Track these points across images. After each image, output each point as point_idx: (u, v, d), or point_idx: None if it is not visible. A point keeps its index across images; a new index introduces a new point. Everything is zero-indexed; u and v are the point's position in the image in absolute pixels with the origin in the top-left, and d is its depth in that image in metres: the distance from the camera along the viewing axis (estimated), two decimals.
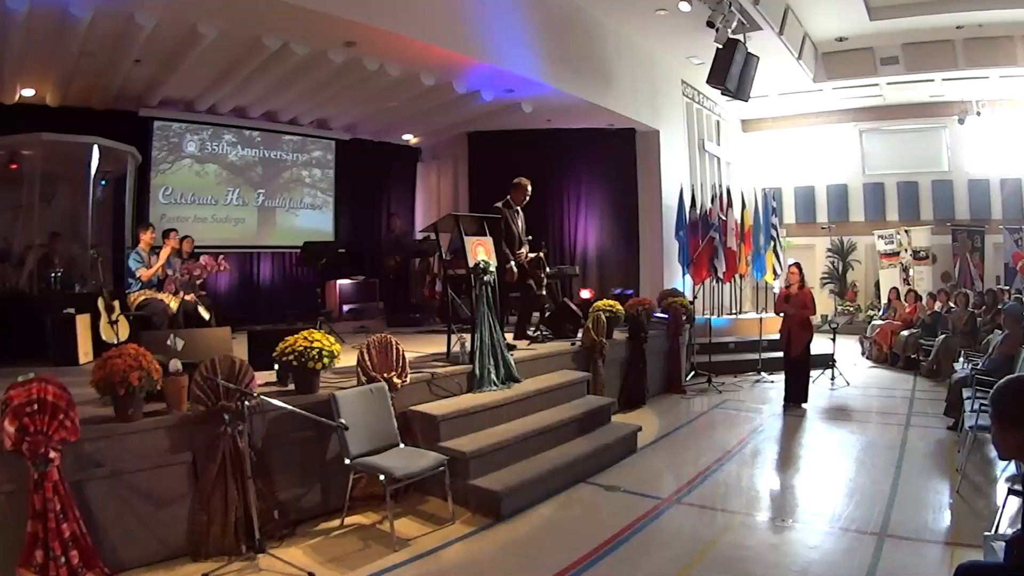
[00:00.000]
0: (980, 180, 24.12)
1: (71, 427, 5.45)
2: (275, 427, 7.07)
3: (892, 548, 6.72)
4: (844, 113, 25.19)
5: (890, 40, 19.63)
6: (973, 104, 22.57)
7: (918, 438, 11.22)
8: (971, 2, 17.77)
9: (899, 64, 20.32)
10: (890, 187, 25.21)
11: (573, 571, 6.39)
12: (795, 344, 13.56)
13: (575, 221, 19.56)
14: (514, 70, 13.61)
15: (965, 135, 23.85)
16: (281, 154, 17.55)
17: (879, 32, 19.15)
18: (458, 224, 9.94)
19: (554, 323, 12.88)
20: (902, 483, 8.99)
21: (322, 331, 8.09)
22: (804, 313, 13.68)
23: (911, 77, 21.01)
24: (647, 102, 18.08)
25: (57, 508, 5.31)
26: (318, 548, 6.72)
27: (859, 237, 25.08)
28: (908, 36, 19.41)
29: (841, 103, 24.33)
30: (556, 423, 9.54)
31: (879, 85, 22.09)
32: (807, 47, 19.42)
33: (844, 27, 19.10)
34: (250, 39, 11.75)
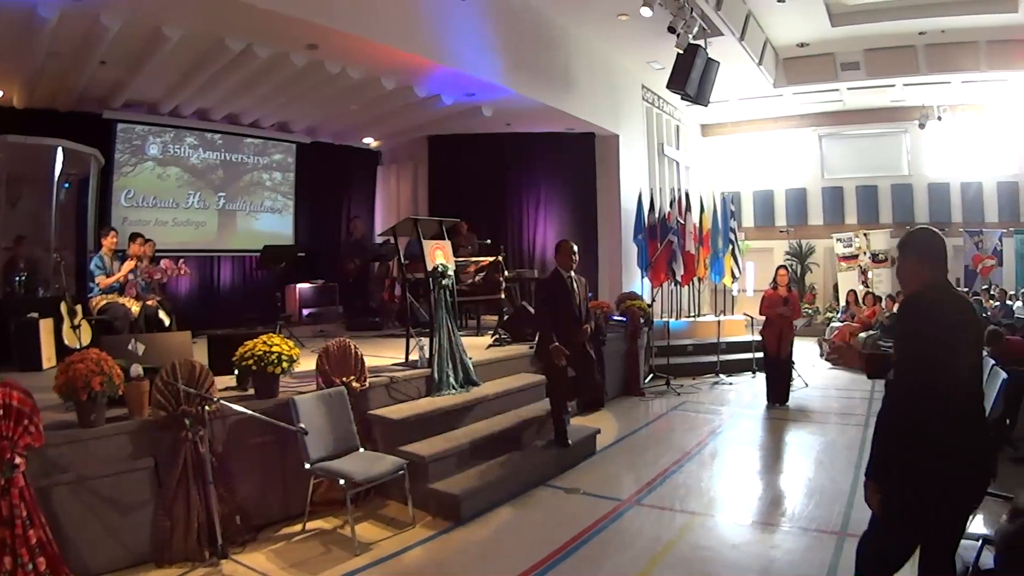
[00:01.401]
0: (940, 184, 24.52)
1: (36, 433, 5.45)
2: (235, 432, 7.08)
3: (853, 546, 6.80)
4: (804, 118, 25.51)
5: (852, 46, 19.81)
6: (934, 109, 22.88)
7: None
8: (934, 8, 17.96)
9: (860, 69, 20.51)
10: (849, 191, 25.58)
11: (534, 573, 6.47)
12: (785, 344, 13.78)
13: (534, 225, 19.64)
14: (475, 74, 13.66)
15: (926, 139, 24.27)
16: (242, 157, 17.49)
17: (841, 38, 19.33)
18: (417, 228, 10.00)
19: (513, 326, 12.92)
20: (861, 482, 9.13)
21: (281, 335, 8.11)
22: (796, 315, 14.05)
23: (872, 82, 21.25)
24: (607, 107, 18.19)
25: (24, 514, 5.31)
26: (280, 553, 6.74)
27: (818, 240, 25.36)
28: (870, 42, 19.60)
29: (801, 108, 24.57)
30: (515, 426, 9.61)
31: (840, 90, 22.35)
32: (768, 52, 19.57)
33: (806, 33, 19.27)
34: (213, 41, 11.76)
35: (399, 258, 11.09)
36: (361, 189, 20.95)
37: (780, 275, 13.86)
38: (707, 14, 15.20)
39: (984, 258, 23.24)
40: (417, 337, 10.11)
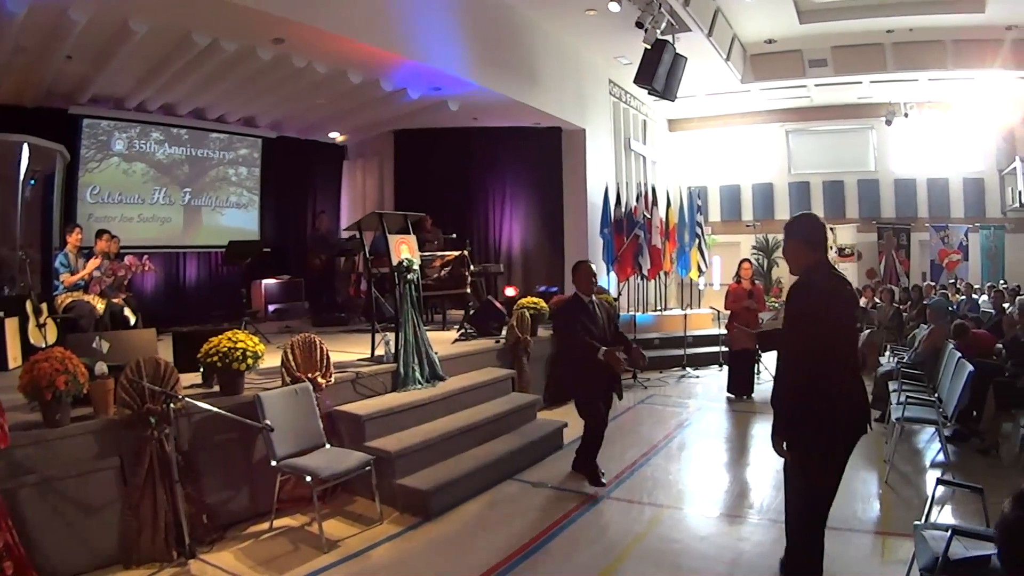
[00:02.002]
0: (906, 180, 24.89)
1: (1, 434, 5.39)
2: (201, 430, 7.02)
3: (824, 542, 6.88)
4: (771, 113, 25.71)
5: (819, 43, 19.95)
6: (901, 106, 23.08)
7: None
8: (902, 7, 18.15)
9: (828, 66, 20.64)
10: (816, 186, 25.86)
11: (503, 568, 6.47)
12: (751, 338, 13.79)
13: (500, 219, 19.67)
14: (441, 68, 13.65)
15: (892, 136, 24.56)
16: (208, 152, 17.36)
17: (808, 35, 19.48)
18: (382, 222, 9.99)
19: (479, 321, 12.94)
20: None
21: (246, 331, 8.08)
22: (761, 308, 14.20)
23: (839, 79, 21.44)
24: (574, 101, 18.23)
25: None
26: (248, 552, 6.70)
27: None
28: (837, 39, 19.75)
29: (768, 104, 24.78)
30: (482, 420, 9.61)
31: (807, 87, 22.49)
32: (736, 49, 19.65)
33: (773, 30, 19.39)
34: (180, 35, 11.66)
35: (364, 253, 11.07)
36: (327, 184, 20.85)
37: (744, 268, 13.92)
38: (675, 10, 15.25)
39: (950, 253, 23.54)
40: (382, 332, 10.12)
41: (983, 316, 15.94)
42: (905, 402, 9.55)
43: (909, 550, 5.55)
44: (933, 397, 10.10)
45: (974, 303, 18.25)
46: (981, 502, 5.77)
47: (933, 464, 9.76)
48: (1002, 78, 20.34)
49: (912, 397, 9.78)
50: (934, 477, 7.27)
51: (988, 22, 18.25)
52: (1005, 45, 19.12)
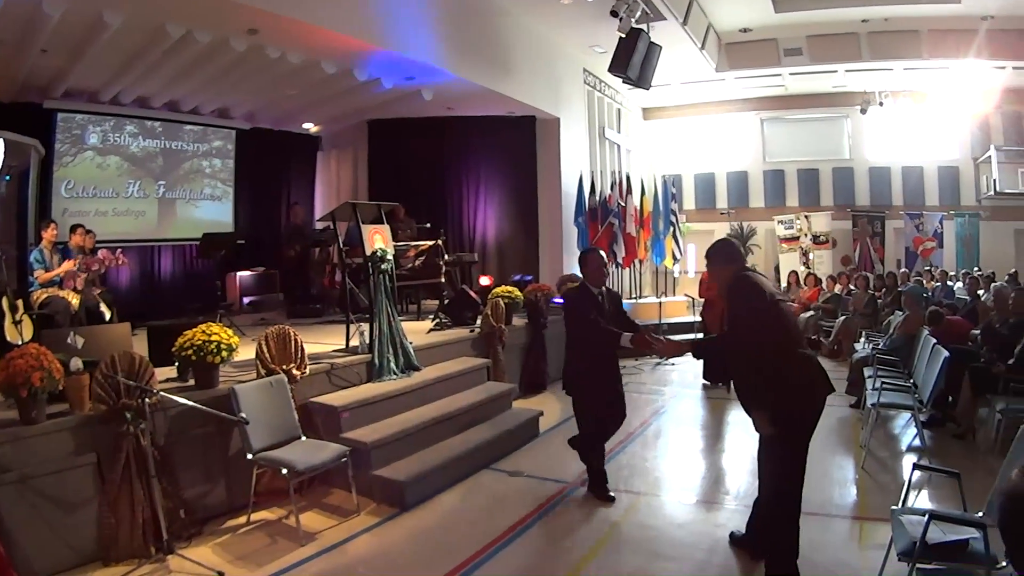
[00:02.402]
0: (881, 168, 24.98)
1: None
2: (177, 424, 6.99)
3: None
4: (746, 102, 25.70)
5: (794, 32, 19.95)
6: (876, 95, 23.17)
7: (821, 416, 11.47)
8: None
9: (803, 55, 20.66)
10: (791, 174, 25.89)
11: (481, 557, 6.51)
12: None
13: (474, 208, 19.64)
14: (415, 57, 13.59)
15: (867, 124, 24.69)
16: (182, 144, 17.26)
17: (783, 24, 19.46)
18: (355, 212, 10.00)
19: (453, 310, 12.97)
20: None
21: (221, 324, 8.05)
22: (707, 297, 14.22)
23: (814, 68, 21.43)
24: (548, 90, 18.21)
25: None
26: (226, 546, 6.71)
27: (759, 222, 25.56)
28: (813, 28, 19.77)
29: (743, 92, 24.77)
30: (457, 410, 9.64)
31: (782, 75, 22.51)
32: (711, 37, 19.65)
33: (749, 18, 19.37)
34: (154, 27, 11.57)
35: (338, 244, 11.06)
36: (301, 175, 20.78)
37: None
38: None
39: (925, 240, 23.68)
40: (357, 323, 10.12)
41: (958, 303, 16.04)
42: (881, 388, 9.60)
43: (887, 535, 5.58)
44: (908, 383, 10.17)
45: (949, 290, 18.39)
46: (957, 487, 5.81)
47: (909, 449, 9.86)
48: (976, 67, 20.42)
49: (888, 383, 9.84)
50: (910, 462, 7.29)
51: (963, 12, 18.32)
52: (980, 35, 19.22)
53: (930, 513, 4.96)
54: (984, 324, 11.81)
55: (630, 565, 6.46)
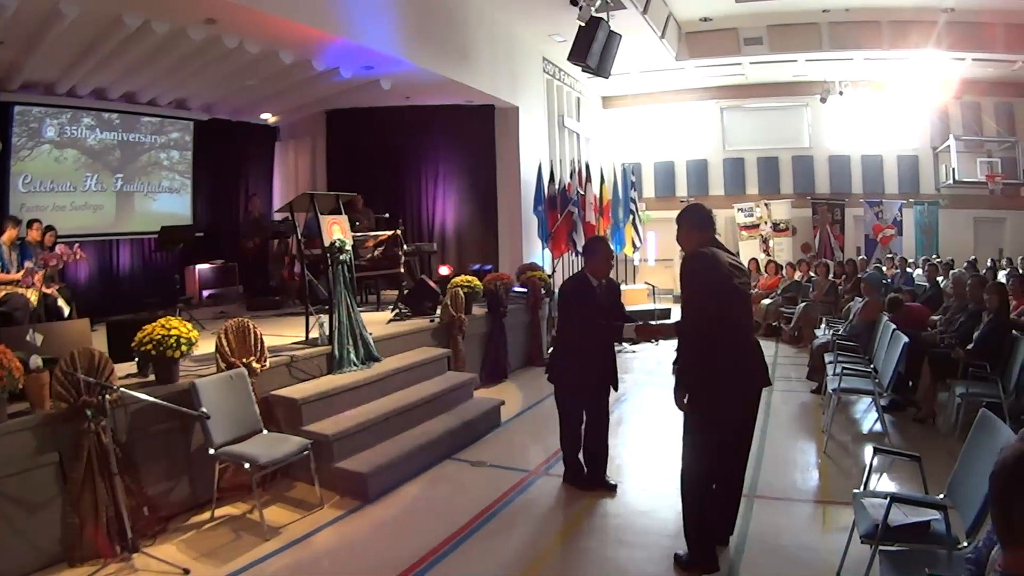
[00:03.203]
0: (841, 156, 25.35)
1: None
2: (138, 420, 6.92)
3: (763, 508, 6.96)
4: (706, 91, 25.90)
5: (755, 21, 20.03)
6: (836, 84, 23.44)
7: (783, 402, 11.68)
8: None
9: (763, 45, 20.75)
10: (750, 162, 26.16)
11: (445, 548, 6.54)
12: None
13: (433, 198, 19.61)
14: (373, 46, 13.50)
15: (827, 113, 25.01)
16: (139, 137, 17.06)
17: (744, 13, 19.54)
18: (313, 203, 10.00)
19: (413, 300, 13.02)
20: (769, 445, 9.33)
21: (180, 318, 8.00)
22: None
23: (775, 57, 21.53)
24: (507, 79, 18.19)
25: None
26: (191, 543, 6.68)
27: (719, 210, 25.25)
28: (773, 18, 19.85)
29: (703, 81, 24.91)
30: (418, 401, 9.67)
31: (742, 64, 22.61)
32: (671, 26, 19.66)
33: (709, 8, 19.43)
34: (110, 17, 11.44)
35: (296, 235, 11.04)
36: (259, 166, 20.65)
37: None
38: None
39: (884, 228, 24.04)
40: (317, 314, 10.12)
41: (918, 289, 16.23)
42: (841, 373, 9.71)
43: (849, 518, 5.67)
44: (869, 368, 10.29)
45: (908, 277, 18.62)
46: (918, 470, 5.89)
47: (870, 434, 10.00)
48: (936, 58, 20.63)
49: (848, 368, 9.96)
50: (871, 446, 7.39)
51: (924, 4, 18.52)
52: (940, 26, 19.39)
53: (891, 496, 5.00)
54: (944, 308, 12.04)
55: (595, 553, 6.51)
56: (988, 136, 24.12)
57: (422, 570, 6.17)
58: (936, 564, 4.37)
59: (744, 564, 6.08)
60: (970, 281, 11.58)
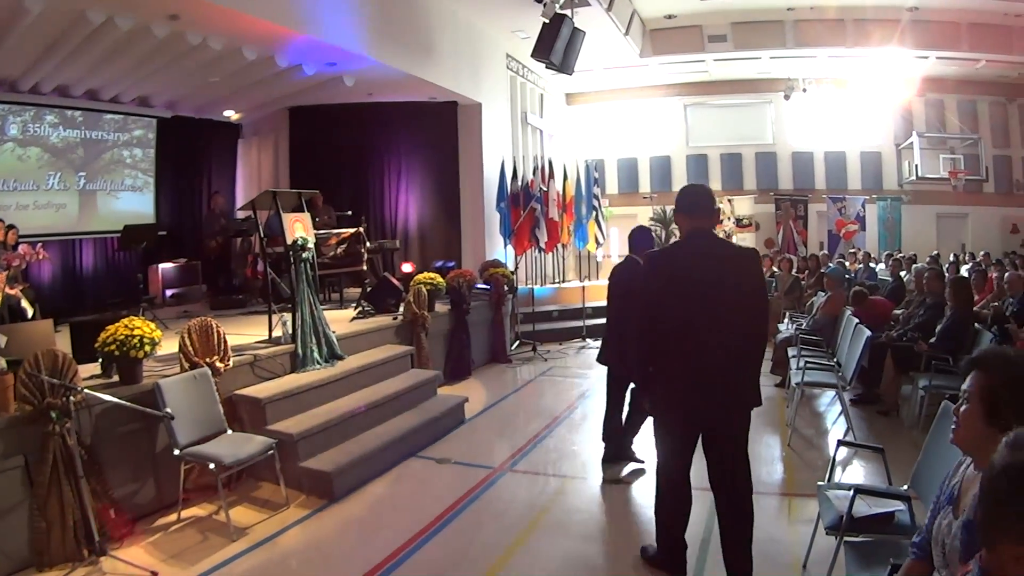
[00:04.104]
0: (804, 152, 25.75)
1: None
2: (103, 422, 6.87)
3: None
4: (669, 87, 26.15)
5: (719, 19, 20.31)
6: (799, 81, 23.76)
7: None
8: None
9: (727, 42, 21.04)
10: (714, 159, 26.49)
11: (411, 546, 6.56)
12: None
13: (396, 195, 19.62)
14: (336, 43, 13.50)
15: (790, 110, 25.31)
16: (102, 134, 16.90)
17: (708, 11, 19.81)
18: (275, 201, 9.95)
19: (376, 298, 12.98)
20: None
21: (143, 318, 7.98)
22: None
23: (739, 55, 21.78)
24: (470, 75, 18.22)
25: None
26: (158, 545, 6.64)
27: None
28: (738, 15, 20.15)
29: (667, 78, 25.16)
30: (382, 398, 9.69)
31: (706, 62, 22.85)
32: (635, 23, 19.82)
33: (674, 5, 19.71)
34: (74, 13, 11.38)
35: (259, 233, 11.02)
36: (222, 163, 20.49)
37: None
38: None
39: (847, 223, 24.52)
40: (280, 313, 10.08)
41: (881, 284, 16.47)
42: (805, 367, 9.82)
43: (814, 510, 5.78)
44: (832, 362, 10.38)
45: (872, 271, 18.84)
46: (882, 461, 5.98)
47: (834, 426, 10.13)
48: (900, 56, 20.90)
49: (812, 362, 10.09)
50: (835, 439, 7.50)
51: (888, 3, 18.85)
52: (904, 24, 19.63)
53: (855, 488, 5.10)
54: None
55: (561, 549, 6.55)
56: (951, 133, 24.60)
57: (389, 568, 6.18)
58: (900, 554, 4.42)
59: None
60: (927, 274, 11.74)
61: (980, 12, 19.58)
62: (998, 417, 2.68)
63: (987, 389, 2.90)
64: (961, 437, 3.02)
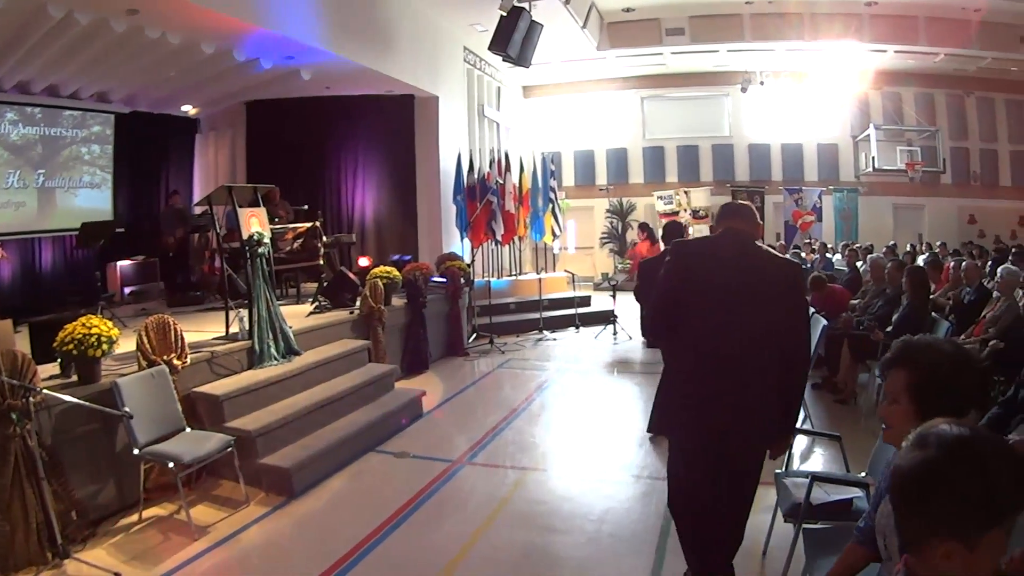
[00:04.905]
0: (761, 145, 26.11)
1: None
2: (62, 423, 6.84)
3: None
4: (627, 80, 26.39)
5: (677, 12, 20.46)
6: (757, 74, 23.98)
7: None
8: None
9: (685, 35, 21.20)
10: (670, 151, 26.75)
11: (372, 541, 6.63)
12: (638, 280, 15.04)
13: (353, 188, 19.63)
14: (294, 36, 13.45)
15: (747, 102, 25.61)
16: (61, 131, 16.76)
17: (666, 4, 19.97)
18: (231, 195, 9.97)
19: (332, 292, 12.97)
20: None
21: (101, 316, 7.99)
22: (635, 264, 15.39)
23: (696, 48, 21.94)
24: (427, 68, 18.25)
25: None
26: (120, 546, 6.63)
27: (638, 198, 26.35)
28: (696, 9, 20.31)
29: (624, 71, 25.35)
30: (339, 394, 9.73)
31: (663, 54, 22.99)
32: (593, 16, 19.91)
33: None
34: (35, 7, 11.27)
35: (215, 228, 11.02)
36: (179, 159, 20.34)
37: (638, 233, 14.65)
38: None
39: (804, 214, 24.81)
40: (237, 309, 10.07)
41: (837, 274, 16.65)
42: None
43: (772, 498, 5.87)
44: None
45: (828, 262, 19.08)
46: (839, 449, 6.15)
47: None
48: (857, 49, 21.14)
49: None
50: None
51: None
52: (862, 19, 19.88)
53: (813, 475, 5.22)
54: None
55: (521, 540, 6.64)
56: (909, 125, 24.86)
57: (350, 563, 6.25)
58: None
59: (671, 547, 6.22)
60: (889, 265, 11.95)
61: (937, 6, 19.85)
62: (931, 414, 2.48)
63: (915, 387, 2.94)
64: (895, 438, 3.00)
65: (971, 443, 2.02)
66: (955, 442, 2.02)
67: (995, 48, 21.34)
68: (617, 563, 6.24)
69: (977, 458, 1.97)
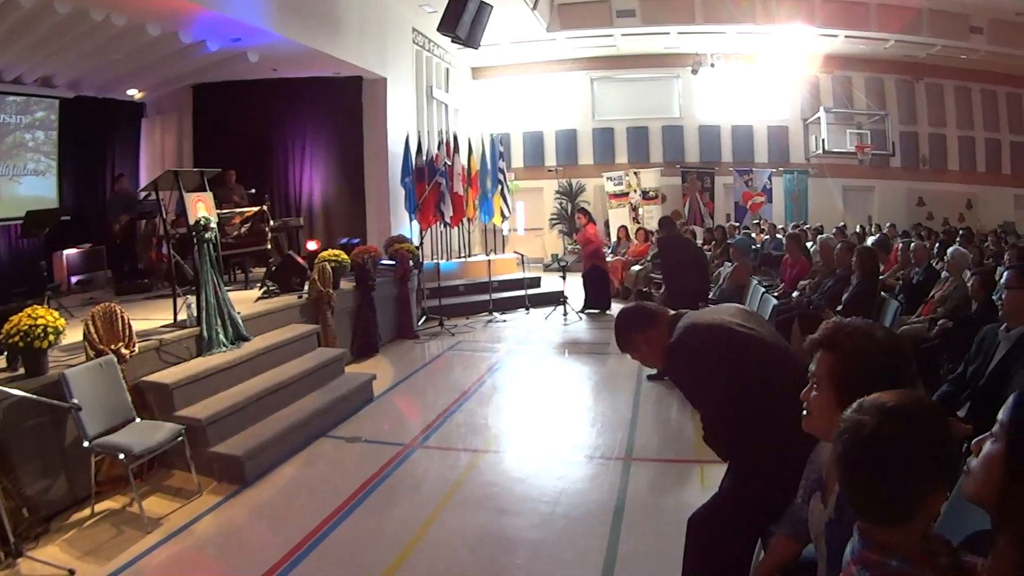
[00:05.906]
0: (711, 126, 26.29)
1: None
2: (10, 417, 6.71)
3: (640, 470, 7.17)
4: (576, 61, 26.41)
5: None
6: (707, 56, 24.14)
7: None
8: None
9: (636, 17, 21.36)
10: (620, 132, 26.81)
11: (326, 527, 6.64)
12: (585, 264, 16.50)
13: (300, 172, 19.55)
14: (240, 17, 13.32)
15: (698, 84, 25.77)
16: (5, 117, 16.42)
17: None
18: (178, 180, 9.84)
19: (280, 277, 12.91)
20: (642, 409, 9.65)
21: (48, 307, 7.91)
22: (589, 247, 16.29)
23: (647, 30, 22.07)
24: (375, 50, 18.17)
25: None
26: (73, 542, 6.55)
27: (588, 179, 26.43)
28: None
29: (574, 52, 25.41)
30: (290, 379, 9.68)
31: (614, 36, 23.12)
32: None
33: None
34: None
35: (161, 214, 10.93)
36: (125, 144, 20.01)
37: (577, 217, 14.85)
38: None
39: (754, 195, 25.10)
40: (184, 296, 9.97)
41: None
42: None
43: None
44: None
45: (778, 242, 19.15)
46: None
47: None
48: (808, 33, 21.34)
49: None
50: None
51: None
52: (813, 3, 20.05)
53: None
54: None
55: (475, 523, 6.69)
56: (859, 109, 25.17)
57: (305, 550, 6.25)
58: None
59: (625, 526, 6.33)
60: (839, 246, 12.02)
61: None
62: (853, 401, 2.29)
63: (837, 373, 2.84)
64: (814, 425, 2.93)
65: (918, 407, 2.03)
66: (901, 409, 2.01)
67: (945, 36, 21.76)
68: (572, 543, 6.28)
69: (927, 420, 1.98)
